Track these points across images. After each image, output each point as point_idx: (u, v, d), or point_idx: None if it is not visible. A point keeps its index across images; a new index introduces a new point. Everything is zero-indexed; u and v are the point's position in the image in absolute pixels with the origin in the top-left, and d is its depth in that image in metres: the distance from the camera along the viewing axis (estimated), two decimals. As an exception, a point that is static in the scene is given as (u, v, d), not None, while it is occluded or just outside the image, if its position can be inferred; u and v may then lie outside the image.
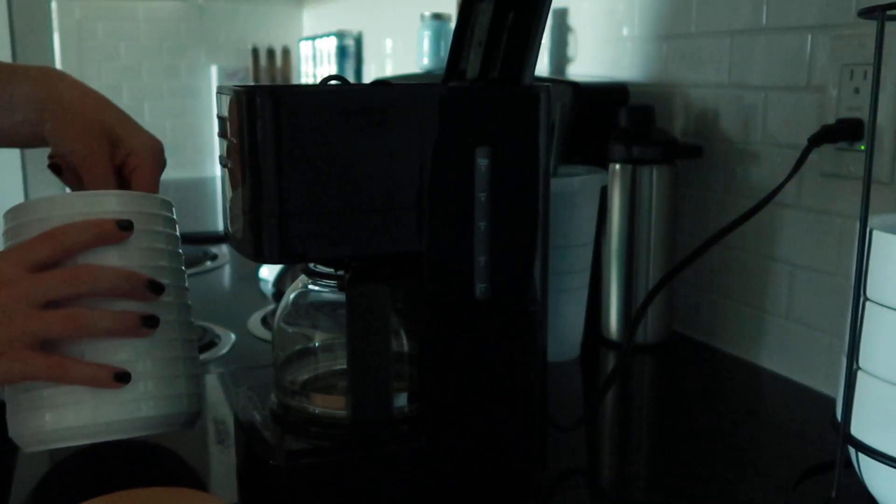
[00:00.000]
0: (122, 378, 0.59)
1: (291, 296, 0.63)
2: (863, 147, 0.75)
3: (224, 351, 0.92)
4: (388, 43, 2.15)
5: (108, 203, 0.61)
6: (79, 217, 0.59)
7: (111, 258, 0.60)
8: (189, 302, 0.66)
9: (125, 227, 0.60)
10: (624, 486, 0.66)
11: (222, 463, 0.67)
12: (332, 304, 0.62)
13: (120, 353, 0.60)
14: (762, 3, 0.86)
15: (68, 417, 0.59)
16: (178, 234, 0.66)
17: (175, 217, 0.66)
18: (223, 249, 1.41)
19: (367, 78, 2.28)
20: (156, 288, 0.60)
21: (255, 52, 2.96)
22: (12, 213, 0.62)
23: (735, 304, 0.93)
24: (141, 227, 0.61)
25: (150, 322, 0.60)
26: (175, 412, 0.62)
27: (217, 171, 2.52)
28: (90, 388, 0.59)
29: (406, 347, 0.61)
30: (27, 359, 0.56)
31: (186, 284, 0.66)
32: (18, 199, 1.80)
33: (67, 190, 0.71)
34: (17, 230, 0.61)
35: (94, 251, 0.59)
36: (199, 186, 2.53)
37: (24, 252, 0.58)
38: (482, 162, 0.56)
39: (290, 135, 0.51)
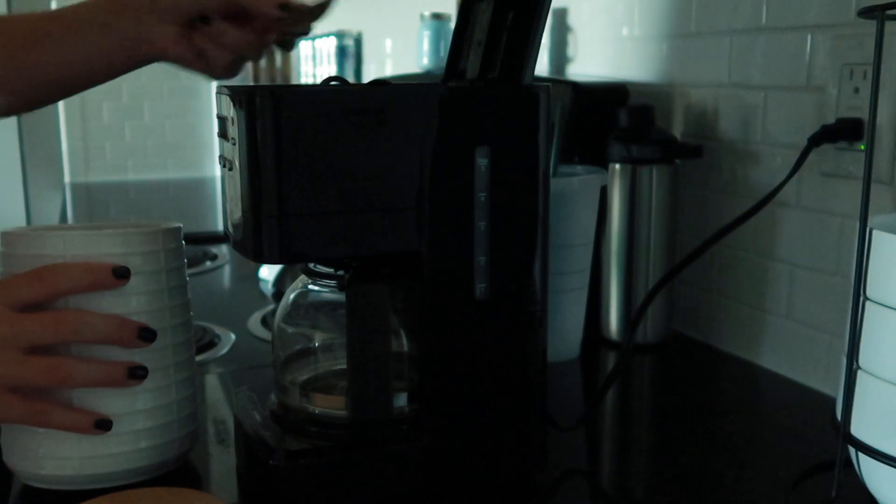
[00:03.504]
0: (103, 426, 0.57)
1: (291, 296, 0.63)
2: (863, 147, 0.75)
3: (224, 351, 0.92)
4: (388, 43, 2.15)
5: (107, 244, 0.58)
6: (74, 258, 0.57)
7: (106, 302, 0.57)
8: (190, 335, 0.64)
9: (122, 274, 0.57)
10: (624, 486, 0.66)
11: (222, 463, 0.67)
12: (332, 304, 0.62)
13: (109, 402, 0.58)
14: (762, 3, 0.86)
15: (63, 467, 0.59)
16: (183, 261, 0.63)
17: (182, 243, 0.63)
18: (223, 249, 1.41)
19: (367, 78, 2.28)
20: (147, 336, 0.57)
21: (254, 52, 2.96)
22: (6, 239, 0.60)
23: (735, 304, 0.93)
24: (141, 268, 0.58)
25: (138, 373, 0.57)
26: (167, 458, 0.62)
27: (217, 171, 2.52)
28: (85, 439, 0.58)
29: (406, 347, 0.61)
30: (7, 403, 0.55)
31: (190, 313, 0.64)
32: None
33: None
34: (8, 260, 0.59)
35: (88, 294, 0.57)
36: (199, 186, 2.53)
37: (11, 290, 0.55)
38: (482, 162, 0.56)
39: (290, 135, 0.51)
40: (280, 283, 1.13)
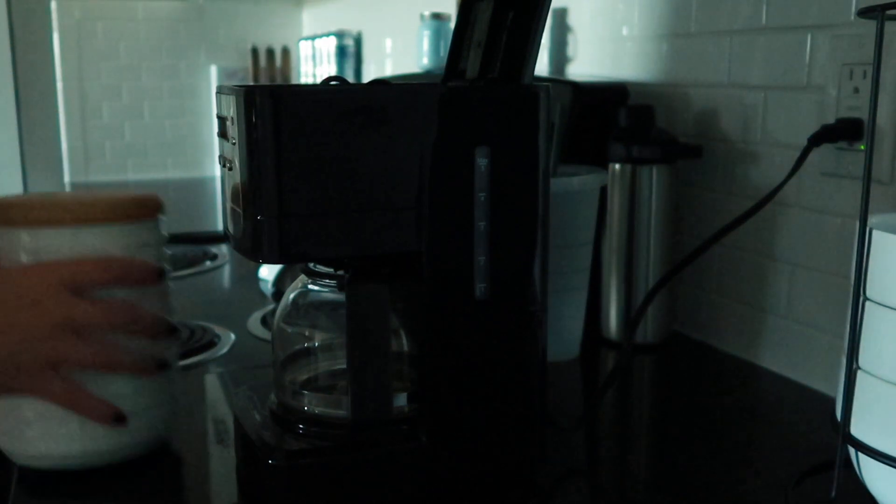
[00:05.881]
0: (119, 420, 0.60)
1: (291, 296, 0.63)
2: (862, 147, 0.75)
3: (224, 351, 0.92)
4: (388, 43, 2.15)
5: (101, 238, 0.61)
6: (58, 253, 0.59)
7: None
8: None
9: (160, 275, 0.62)
10: (624, 486, 0.66)
11: (222, 463, 0.67)
12: (332, 304, 0.62)
13: (112, 386, 0.61)
14: (762, 3, 0.86)
15: (57, 449, 0.61)
16: (165, 254, 0.66)
17: (164, 236, 0.65)
18: (223, 249, 1.41)
19: (367, 78, 2.28)
20: (174, 331, 0.63)
21: (254, 51, 2.96)
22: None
23: (735, 304, 0.93)
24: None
25: (164, 365, 0.63)
26: (150, 440, 0.65)
27: (217, 171, 2.52)
28: (80, 426, 0.60)
29: (406, 347, 0.61)
30: (48, 378, 0.57)
31: (171, 301, 0.67)
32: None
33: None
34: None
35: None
36: (199, 186, 2.53)
37: (75, 272, 0.58)
38: (482, 162, 0.56)
39: (290, 135, 0.51)
40: (280, 283, 1.13)
